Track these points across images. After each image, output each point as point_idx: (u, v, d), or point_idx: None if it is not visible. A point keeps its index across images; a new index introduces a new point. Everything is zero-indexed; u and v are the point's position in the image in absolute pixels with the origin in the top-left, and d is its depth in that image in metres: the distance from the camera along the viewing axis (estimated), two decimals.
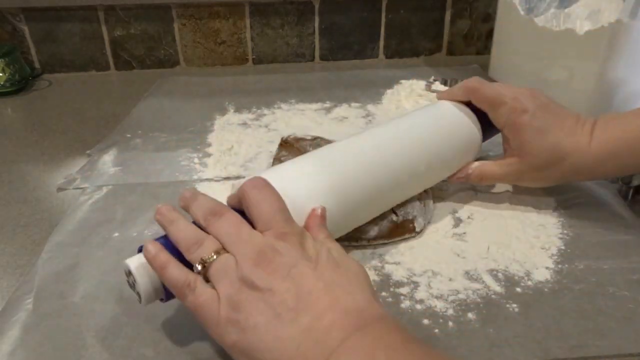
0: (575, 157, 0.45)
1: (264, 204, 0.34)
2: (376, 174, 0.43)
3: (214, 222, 0.34)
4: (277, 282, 0.30)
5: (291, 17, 0.98)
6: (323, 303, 0.30)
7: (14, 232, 0.50)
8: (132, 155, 0.64)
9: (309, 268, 0.31)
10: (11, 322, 0.39)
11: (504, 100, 0.48)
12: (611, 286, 0.41)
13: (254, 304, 0.30)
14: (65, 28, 0.95)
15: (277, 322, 0.29)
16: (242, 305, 0.30)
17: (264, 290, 0.30)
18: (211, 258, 0.32)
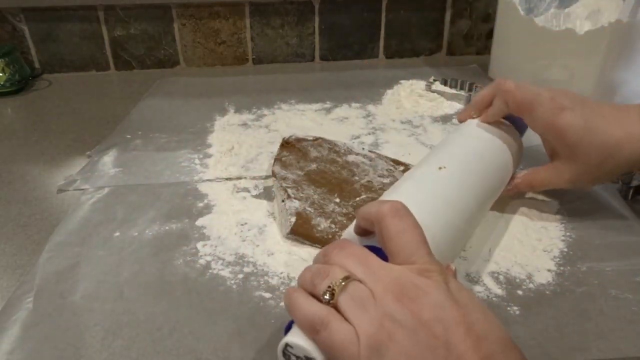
0: (630, 147, 0.43)
1: (406, 235, 0.30)
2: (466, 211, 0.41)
3: (336, 253, 0.30)
4: (423, 327, 0.26)
5: (291, 17, 0.98)
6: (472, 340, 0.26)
7: (14, 232, 0.50)
8: (133, 157, 0.64)
9: (457, 312, 0.26)
10: (11, 321, 0.38)
11: (541, 101, 0.45)
12: (613, 288, 0.41)
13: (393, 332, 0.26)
14: (65, 28, 0.95)
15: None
16: (385, 347, 0.26)
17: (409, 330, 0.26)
18: (340, 284, 0.28)
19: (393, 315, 0.26)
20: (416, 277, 0.28)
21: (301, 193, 0.50)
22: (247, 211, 0.52)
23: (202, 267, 0.44)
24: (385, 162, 0.59)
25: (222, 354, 0.36)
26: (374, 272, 0.28)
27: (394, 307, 0.27)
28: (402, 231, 0.30)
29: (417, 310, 0.26)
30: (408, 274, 0.28)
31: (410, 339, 0.26)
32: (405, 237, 0.30)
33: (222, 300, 0.40)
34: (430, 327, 0.26)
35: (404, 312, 0.26)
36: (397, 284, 0.27)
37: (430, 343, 0.25)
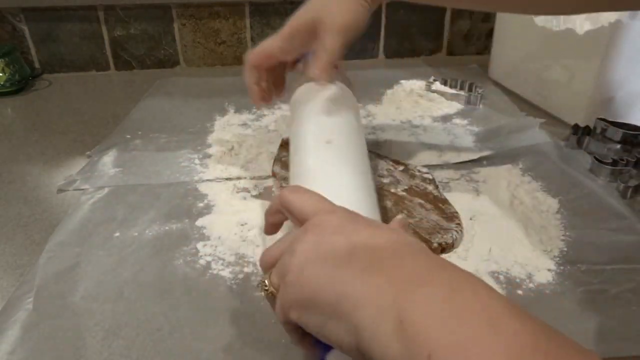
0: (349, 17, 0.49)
1: (304, 197, 0.33)
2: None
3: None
4: (329, 237, 0.29)
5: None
6: (380, 243, 0.28)
7: (14, 232, 0.50)
8: (132, 157, 0.64)
9: (361, 225, 0.30)
10: (11, 321, 0.38)
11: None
12: (613, 288, 0.41)
13: (306, 258, 0.28)
14: (65, 28, 0.95)
15: (334, 266, 0.27)
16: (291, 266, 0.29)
17: (314, 247, 0.29)
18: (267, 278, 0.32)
19: (296, 245, 0.29)
20: (322, 215, 0.31)
21: None
22: (247, 211, 0.52)
23: (202, 267, 0.44)
24: (385, 162, 0.59)
25: (222, 354, 0.35)
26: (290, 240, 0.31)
27: (300, 239, 0.30)
28: (300, 197, 0.33)
29: (319, 231, 0.29)
30: (313, 218, 0.31)
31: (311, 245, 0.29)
32: (304, 198, 0.33)
33: (222, 300, 0.40)
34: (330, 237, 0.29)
35: (308, 237, 0.29)
36: (304, 228, 0.30)
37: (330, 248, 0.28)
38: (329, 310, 0.26)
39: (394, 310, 0.23)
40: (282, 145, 0.60)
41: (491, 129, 0.69)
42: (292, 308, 0.28)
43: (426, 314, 0.23)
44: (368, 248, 0.28)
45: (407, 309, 0.23)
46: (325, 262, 0.28)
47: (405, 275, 0.25)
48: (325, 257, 0.28)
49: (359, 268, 0.26)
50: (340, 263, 0.27)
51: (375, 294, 0.25)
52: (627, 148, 0.60)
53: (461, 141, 0.67)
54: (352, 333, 0.25)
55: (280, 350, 0.36)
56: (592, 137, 0.63)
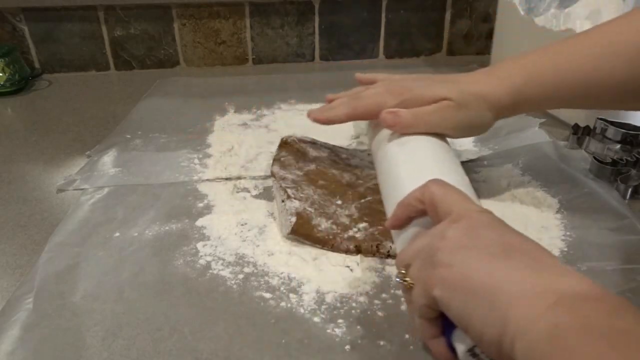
0: (494, 96, 0.46)
1: (454, 195, 0.34)
2: None
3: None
4: (481, 228, 0.30)
5: (291, 17, 0.98)
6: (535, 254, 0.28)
7: (14, 232, 0.50)
8: (132, 156, 0.64)
9: (509, 229, 0.30)
10: (11, 321, 0.38)
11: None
12: (613, 288, 0.41)
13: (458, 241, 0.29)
14: (65, 28, 0.95)
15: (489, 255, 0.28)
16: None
17: (464, 234, 0.29)
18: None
19: (448, 230, 0.30)
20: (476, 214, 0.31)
21: (301, 193, 0.50)
22: (247, 211, 0.52)
23: (202, 267, 0.44)
24: None
25: (222, 354, 0.35)
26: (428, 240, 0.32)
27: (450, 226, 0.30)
28: (449, 192, 0.34)
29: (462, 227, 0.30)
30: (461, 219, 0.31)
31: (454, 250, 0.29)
32: (453, 194, 0.34)
33: (222, 300, 0.40)
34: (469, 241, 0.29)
35: (459, 225, 0.30)
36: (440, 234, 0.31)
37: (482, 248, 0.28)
38: (480, 297, 0.26)
39: (552, 317, 0.23)
40: (281, 145, 0.59)
41: (491, 129, 0.69)
42: (438, 286, 0.29)
43: (585, 330, 0.22)
44: (524, 250, 0.28)
45: (567, 321, 0.23)
46: (479, 250, 0.28)
47: (567, 285, 0.25)
48: (480, 247, 0.28)
49: (517, 266, 0.26)
50: (497, 256, 0.27)
51: (535, 296, 0.25)
52: (627, 148, 0.60)
53: (461, 141, 0.67)
54: (499, 325, 0.25)
55: (280, 350, 0.36)
56: (592, 137, 0.63)
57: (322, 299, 0.40)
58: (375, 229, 0.47)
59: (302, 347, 0.36)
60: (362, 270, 0.43)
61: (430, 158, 0.44)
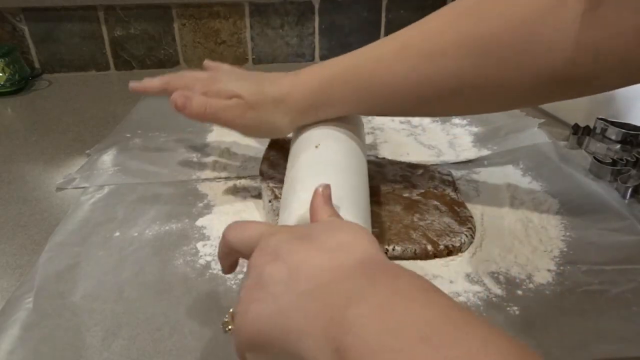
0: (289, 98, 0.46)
1: (244, 233, 0.32)
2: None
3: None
4: (267, 268, 0.28)
5: (291, 17, 0.98)
6: (318, 265, 0.26)
7: (14, 232, 0.50)
8: (132, 155, 0.64)
9: (298, 245, 0.28)
10: (11, 321, 0.38)
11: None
12: (613, 288, 0.41)
13: (249, 296, 0.27)
14: (65, 28, 0.95)
15: (273, 300, 0.26)
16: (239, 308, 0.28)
17: (255, 282, 0.28)
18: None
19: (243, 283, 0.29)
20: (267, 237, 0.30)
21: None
22: (247, 211, 0.52)
23: (202, 267, 0.44)
24: (400, 168, 0.58)
25: (222, 354, 0.35)
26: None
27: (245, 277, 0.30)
28: (239, 232, 0.33)
29: (260, 263, 0.28)
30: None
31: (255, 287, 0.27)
32: (243, 233, 0.32)
33: (222, 300, 0.40)
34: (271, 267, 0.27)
35: (250, 272, 0.29)
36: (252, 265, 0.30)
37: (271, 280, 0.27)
38: (278, 347, 0.25)
39: (329, 338, 0.22)
40: (270, 144, 0.59)
41: (490, 129, 0.69)
42: (246, 351, 0.28)
43: (357, 337, 0.21)
44: (303, 271, 0.26)
45: (340, 334, 0.22)
46: (266, 296, 0.26)
47: (338, 297, 0.24)
48: (266, 292, 0.27)
49: (296, 296, 0.25)
50: (279, 293, 0.26)
51: (313, 322, 0.23)
52: (627, 148, 0.60)
53: (460, 141, 0.67)
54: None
55: None
56: (592, 137, 0.63)
57: None
58: (370, 231, 0.46)
59: None
60: None
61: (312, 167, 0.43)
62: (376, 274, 0.25)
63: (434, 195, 0.52)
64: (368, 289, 0.24)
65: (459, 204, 0.51)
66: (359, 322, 0.22)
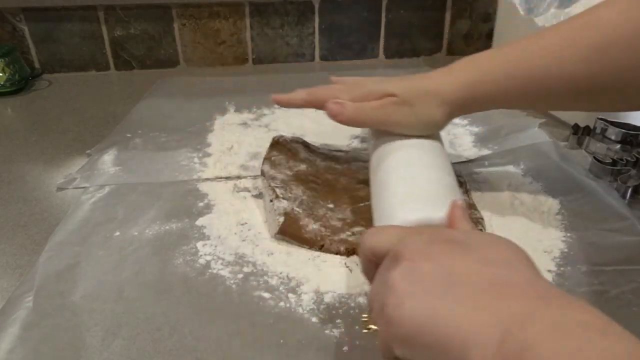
0: (444, 92, 0.46)
1: (385, 236, 0.32)
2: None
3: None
4: (420, 263, 0.27)
5: (291, 17, 0.98)
6: (483, 275, 0.26)
7: (14, 232, 0.50)
8: (132, 155, 0.64)
9: (453, 249, 0.28)
10: (11, 320, 0.38)
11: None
12: (614, 289, 0.41)
13: (403, 289, 0.27)
14: (65, 28, 0.95)
15: (432, 299, 0.26)
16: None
17: (406, 274, 0.27)
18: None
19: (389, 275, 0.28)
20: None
21: (289, 193, 0.50)
22: (247, 211, 0.52)
23: (202, 267, 0.44)
24: None
25: (222, 354, 0.35)
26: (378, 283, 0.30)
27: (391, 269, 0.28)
28: (379, 236, 0.32)
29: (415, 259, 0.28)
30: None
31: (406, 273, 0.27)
32: (383, 235, 0.32)
33: (222, 300, 0.40)
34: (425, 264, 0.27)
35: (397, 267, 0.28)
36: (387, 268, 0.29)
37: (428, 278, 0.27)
38: (436, 347, 0.25)
39: (504, 353, 0.22)
40: (272, 144, 0.59)
41: (491, 129, 0.69)
42: (396, 345, 0.27)
43: (538, 355, 0.21)
44: (464, 276, 0.26)
45: (518, 351, 0.22)
46: (422, 293, 0.26)
47: (513, 314, 0.24)
48: (421, 288, 0.26)
49: (461, 301, 0.25)
50: (439, 294, 0.26)
51: (484, 334, 0.23)
52: (627, 148, 0.60)
53: (461, 141, 0.67)
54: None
55: (280, 350, 0.36)
56: (592, 137, 0.63)
57: (321, 299, 0.40)
58: None
59: (301, 348, 0.36)
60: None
61: (417, 167, 0.44)
62: (548, 296, 0.25)
63: None
64: (544, 310, 0.24)
65: (469, 205, 0.50)
66: (538, 340, 0.22)
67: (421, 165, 0.44)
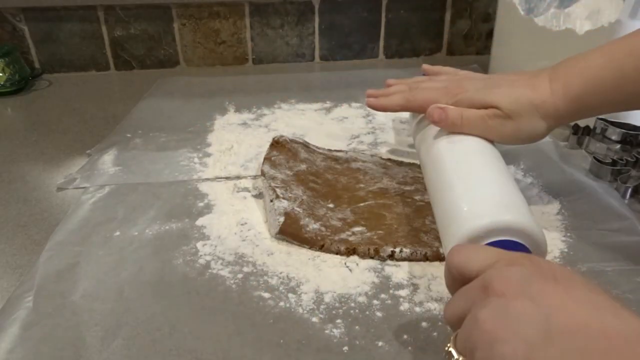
0: (544, 105, 0.44)
1: (474, 255, 0.31)
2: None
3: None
4: (514, 303, 0.25)
5: (291, 17, 0.98)
6: (582, 321, 0.24)
7: (14, 232, 0.50)
8: (132, 155, 0.64)
9: (550, 287, 0.26)
10: (11, 319, 0.38)
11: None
12: (614, 289, 0.40)
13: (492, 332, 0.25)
14: (65, 28, 0.95)
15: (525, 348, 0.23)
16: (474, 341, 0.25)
17: (497, 314, 0.25)
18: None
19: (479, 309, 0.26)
20: (500, 268, 0.28)
21: (290, 193, 0.50)
22: (247, 211, 0.52)
23: (202, 267, 0.44)
24: (410, 169, 0.58)
25: (222, 354, 0.35)
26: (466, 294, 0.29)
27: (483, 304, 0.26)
28: (468, 255, 0.31)
29: (502, 293, 0.26)
30: (490, 272, 0.28)
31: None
32: (472, 255, 0.31)
33: (222, 300, 0.40)
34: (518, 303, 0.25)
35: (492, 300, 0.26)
36: (481, 285, 0.28)
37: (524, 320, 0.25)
38: None
39: None
40: (272, 144, 0.59)
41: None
42: None
43: None
44: (563, 323, 0.24)
45: None
46: (515, 339, 0.24)
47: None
48: (514, 333, 0.24)
49: (559, 354, 0.23)
50: (533, 342, 0.24)
51: None
52: (627, 148, 0.60)
53: None
54: None
55: (280, 350, 0.36)
56: (592, 137, 0.63)
57: (320, 298, 0.40)
58: (374, 233, 0.46)
59: (301, 347, 0.36)
60: (361, 271, 0.43)
61: (481, 164, 0.44)
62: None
63: None
64: None
65: None
66: None
67: (489, 170, 0.43)
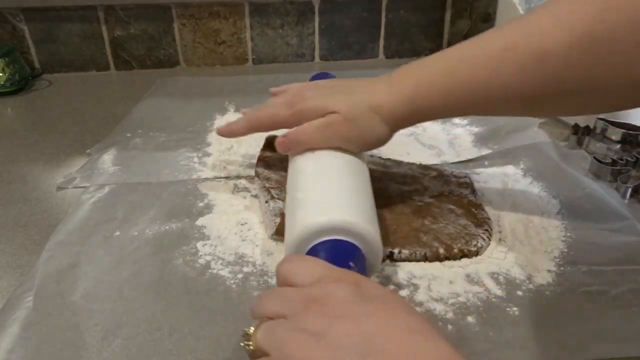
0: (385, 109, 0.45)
1: (302, 267, 0.31)
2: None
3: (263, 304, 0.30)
4: (333, 322, 0.25)
5: (291, 17, 0.98)
6: (402, 345, 0.24)
7: (14, 232, 0.50)
8: (132, 155, 0.64)
9: (371, 308, 0.26)
10: (11, 319, 0.38)
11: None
12: (613, 289, 0.40)
13: (296, 341, 0.25)
14: (65, 28, 0.95)
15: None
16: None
17: (306, 327, 0.26)
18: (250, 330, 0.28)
19: (302, 325, 0.26)
20: (326, 285, 0.28)
21: (284, 193, 0.50)
22: (247, 211, 0.52)
23: (202, 267, 0.44)
24: (409, 169, 0.58)
25: (222, 354, 0.35)
26: (286, 297, 0.29)
27: (303, 317, 0.27)
28: (296, 266, 0.31)
29: (325, 313, 0.26)
30: (316, 287, 0.28)
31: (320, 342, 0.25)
32: (300, 266, 0.31)
33: (222, 300, 0.40)
34: (340, 325, 0.26)
35: (313, 318, 0.26)
36: (305, 298, 0.28)
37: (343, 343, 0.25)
38: None
39: None
40: (265, 145, 0.59)
41: (491, 129, 0.69)
42: None
43: None
44: (383, 353, 0.24)
45: None
46: (327, 354, 0.24)
47: None
48: (325, 348, 0.25)
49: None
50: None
51: None
52: (627, 148, 0.60)
53: (461, 141, 0.67)
54: None
55: None
56: (592, 137, 0.63)
57: None
58: None
59: None
60: None
61: (319, 172, 0.44)
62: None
63: (447, 199, 0.51)
64: None
65: (476, 205, 0.50)
66: None
67: (329, 177, 0.43)
